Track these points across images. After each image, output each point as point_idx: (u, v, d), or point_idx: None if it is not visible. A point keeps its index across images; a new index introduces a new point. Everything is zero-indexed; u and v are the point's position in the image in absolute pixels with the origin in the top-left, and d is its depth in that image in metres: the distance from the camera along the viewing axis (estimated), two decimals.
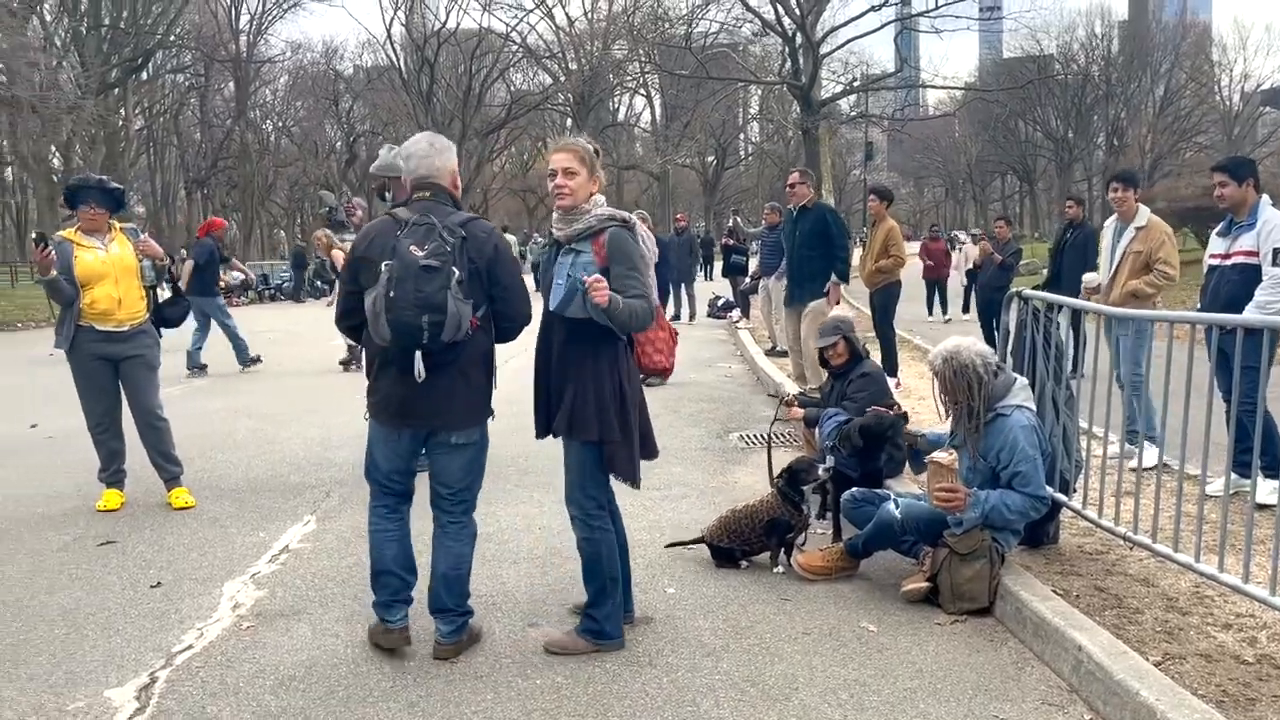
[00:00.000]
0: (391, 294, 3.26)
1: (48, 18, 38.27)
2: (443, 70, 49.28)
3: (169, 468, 5.94)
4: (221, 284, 29.72)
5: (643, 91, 58.82)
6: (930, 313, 17.84)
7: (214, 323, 12.04)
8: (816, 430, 5.46)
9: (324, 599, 4.29)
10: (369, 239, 3.51)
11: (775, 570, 4.59)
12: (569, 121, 54.38)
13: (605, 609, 3.70)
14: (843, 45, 35.34)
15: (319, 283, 27.17)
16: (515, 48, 50.17)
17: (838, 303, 9.03)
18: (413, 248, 3.31)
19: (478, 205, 49.55)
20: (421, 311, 3.26)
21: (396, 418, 3.55)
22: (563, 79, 50.74)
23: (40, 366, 12.43)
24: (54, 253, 5.51)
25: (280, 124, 59.29)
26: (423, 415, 3.51)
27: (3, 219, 54.85)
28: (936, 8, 31.69)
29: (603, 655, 3.66)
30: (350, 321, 3.64)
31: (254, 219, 56.50)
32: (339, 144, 58.74)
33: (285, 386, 10.82)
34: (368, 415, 3.66)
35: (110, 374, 5.74)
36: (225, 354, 12.09)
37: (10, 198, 52.54)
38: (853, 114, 42.15)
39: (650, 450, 3.78)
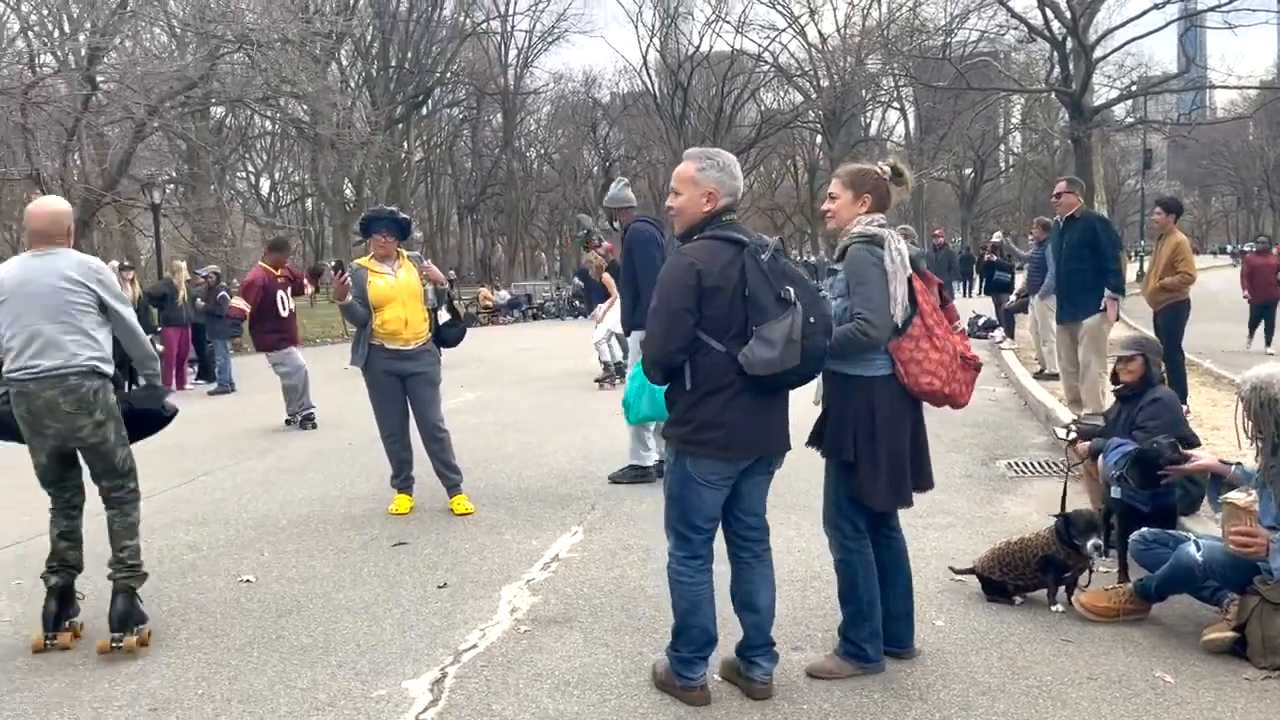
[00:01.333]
0: (811, 319, 3.22)
1: (344, 62, 42.32)
2: (695, 93, 50.34)
3: (450, 476, 6.38)
4: (488, 303, 31.87)
5: (896, 105, 57.44)
6: (1251, 339, 14.74)
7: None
8: (1100, 460, 5.09)
9: (593, 609, 4.46)
10: (719, 265, 3.26)
11: (1054, 609, 4.32)
12: (819, 139, 53.98)
13: (863, 631, 3.63)
14: (1119, 48, 32.97)
15: (577, 302, 28.38)
16: (767, 67, 50.43)
17: (1116, 319, 8.41)
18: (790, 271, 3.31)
19: None
20: (827, 335, 3.30)
21: (749, 448, 3.37)
22: (814, 96, 50.42)
23: (336, 380, 13.71)
24: (350, 279, 6.08)
25: (542, 151, 62.54)
26: (777, 442, 3.45)
27: (303, 245, 61.05)
28: (1229, 1, 28.90)
29: (869, 685, 3.58)
30: (685, 350, 3.31)
31: (518, 242, 59.80)
32: (595, 169, 61.18)
33: (545, 402, 11.35)
34: (692, 454, 3.36)
35: (399, 389, 6.24)
36: (493, 373, 12.82)
37: (309, 225, 58.43)
38: (1129, 120, 39.14)
39: (922, 479, 3.66)
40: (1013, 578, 4.41)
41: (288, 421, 10.33)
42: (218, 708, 3.55)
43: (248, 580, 5.02)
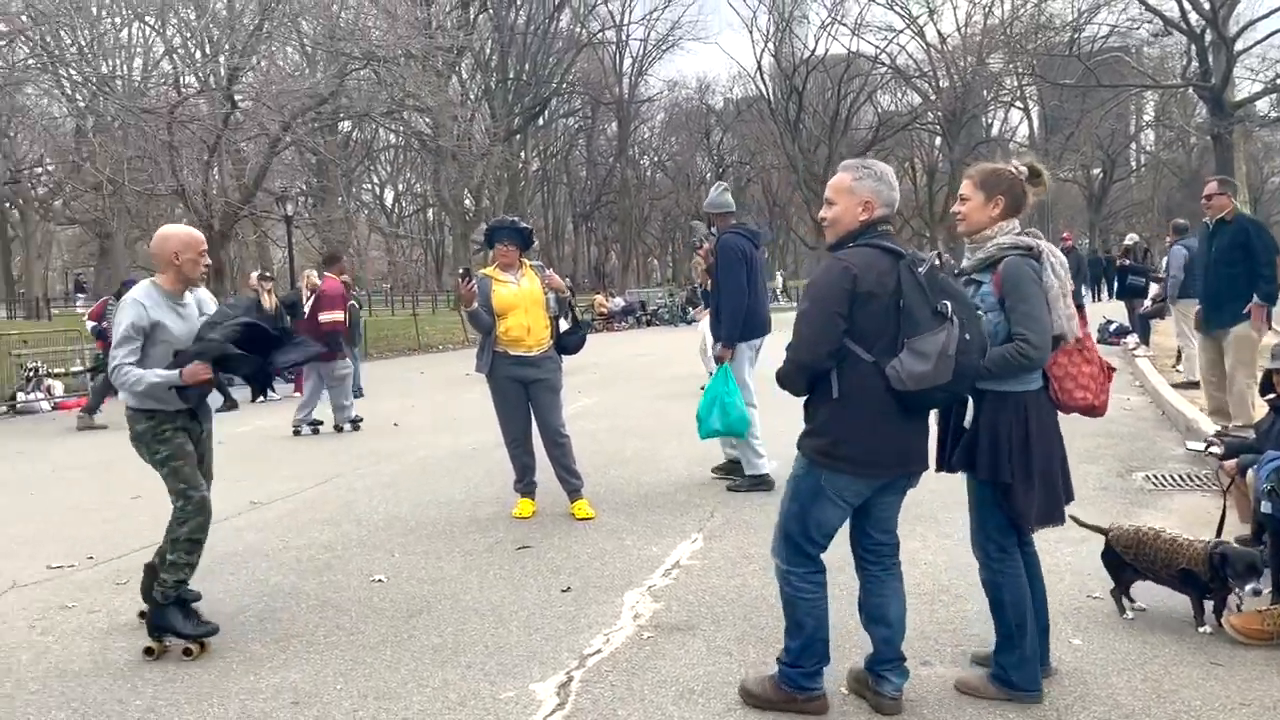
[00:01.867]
0: (967, 336, 3.14)
1: (464, 76, 43.40)
2: (810, 97, 49.84)
3: (571, 481, 6.46)
4: (603, 310, 32.18)
5: (1019, 105, 55.72)
6: None
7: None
8: (1251, 473, 4.82)
9: (715, 616, 4.45)
10: (875, 272, 3.20)
11: (1201, 630, 4.11)
12: (938, 140, 52.77)
13: (1010, 657, 3.49)
14: (1264, 39, 31.23)
15: (690, 309, 28.43)
16: (884, 69, 49.58)
17: (1267, 328, 7.96)
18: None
19: None
20: (981, 355, 3.22)
21: (889, 467, 3.31)
22: (933, 97, 49.31)
23: (456, 386, 14.06)
24: (476, 286, 6.23)
25: (656, 159, 62.94)
26: (917, 460, 3.37)
27: (425, 255, 62.77)
28: None
29: (1004, 706, 3.46)
30: (834, 355, 3.23)
31: (631, 249, 60.27)
32: (709, 175, 61.19)
33: (661, 408, 11.39)
34: (828, 468, 3.29)
35: (522, 395, 6.36)
36: (609, 379, 12.96)
37: (430, 235, 60.08)
38: (1274, 115, 37.03)
39: (1068, 495, 3.54)
40: (1143, 566, 4.23)
41: (338, 428, 10.78)
42: (355, 703, 3.67)
43: (379, 580, 5.18)
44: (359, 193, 50.60)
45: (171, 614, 4.23)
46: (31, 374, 14.64)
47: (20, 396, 14.15)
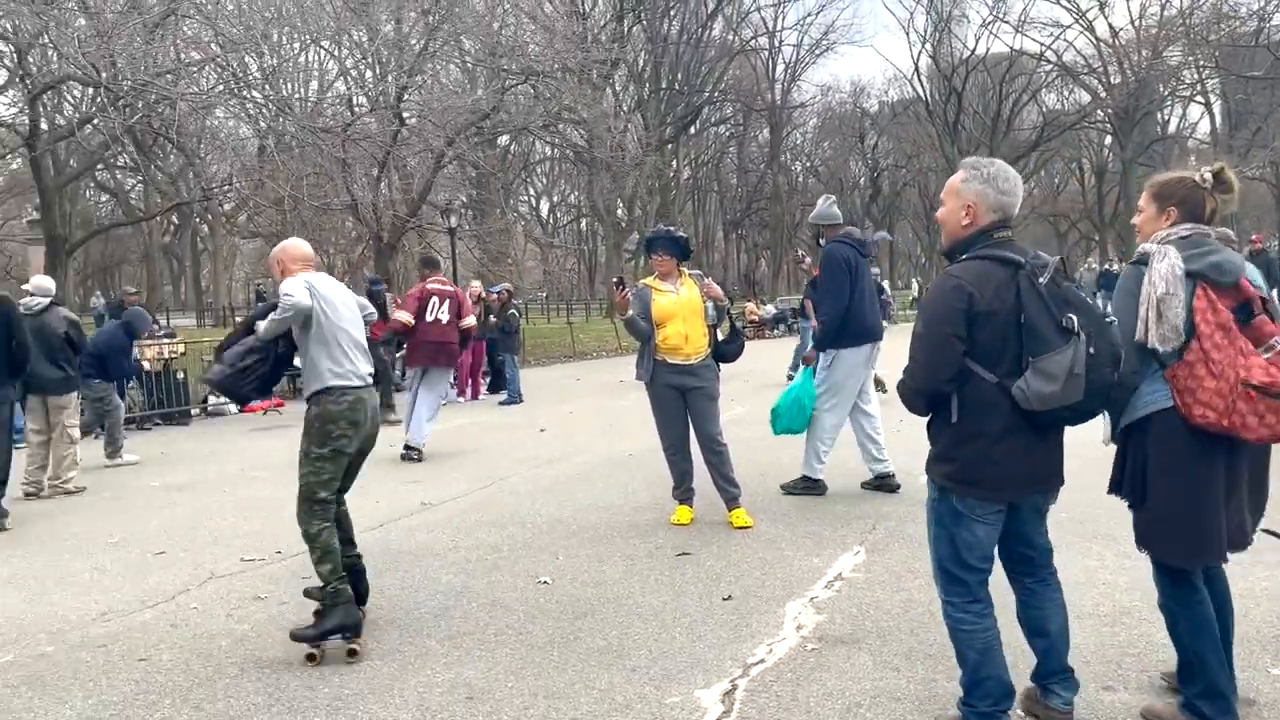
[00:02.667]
0: (1093, 350, 2.94)
1: (618, 87, 44.13)
2: (970, 98, 48.38)
3: (729, 489, 6.47)
4: (754, 317, 31.98)
5: (1199, 99, 52.48)
6: None
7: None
8: None
9: (881, 631, 4.37)
10: (991, 287, 3.03)
11: None
12: (1108, 139, 50.29)
13: (1194, 688, 3.26)
14: None
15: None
16: (1049, 67, 47.64)
17: None
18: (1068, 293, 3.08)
19: None
20: (1115, 368, 3.01)
21: (1021, 489, 3.17)
22: (1103, 94, 47.03)
23: (611, 393, 14.28)
24: (630, 294, 6.33)
25: (808, 164, 62.32)
26: (1053, 479, 3.24)
27: (579, 264, 64.10)
28: None
29: None
30: (954, 380, 3.08)
31: (782, 256, 59.83)
32: (862, 179, 60.16)
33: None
34: (959, 494, 3.16)
35: (680, 402, 6.41)
36: (761, 387, 12.90)
37: (584, 244, 61.27)
38: None
39: (1237, 537, 3.25)
40: None
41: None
42: (526, 701, 3.79)
43: (544, 582, 5.32)
44: (516, 204, 52.06)
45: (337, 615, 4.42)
46: None
47: (210, 400, 15.18)
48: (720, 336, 6.59)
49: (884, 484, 7.25)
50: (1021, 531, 3.29)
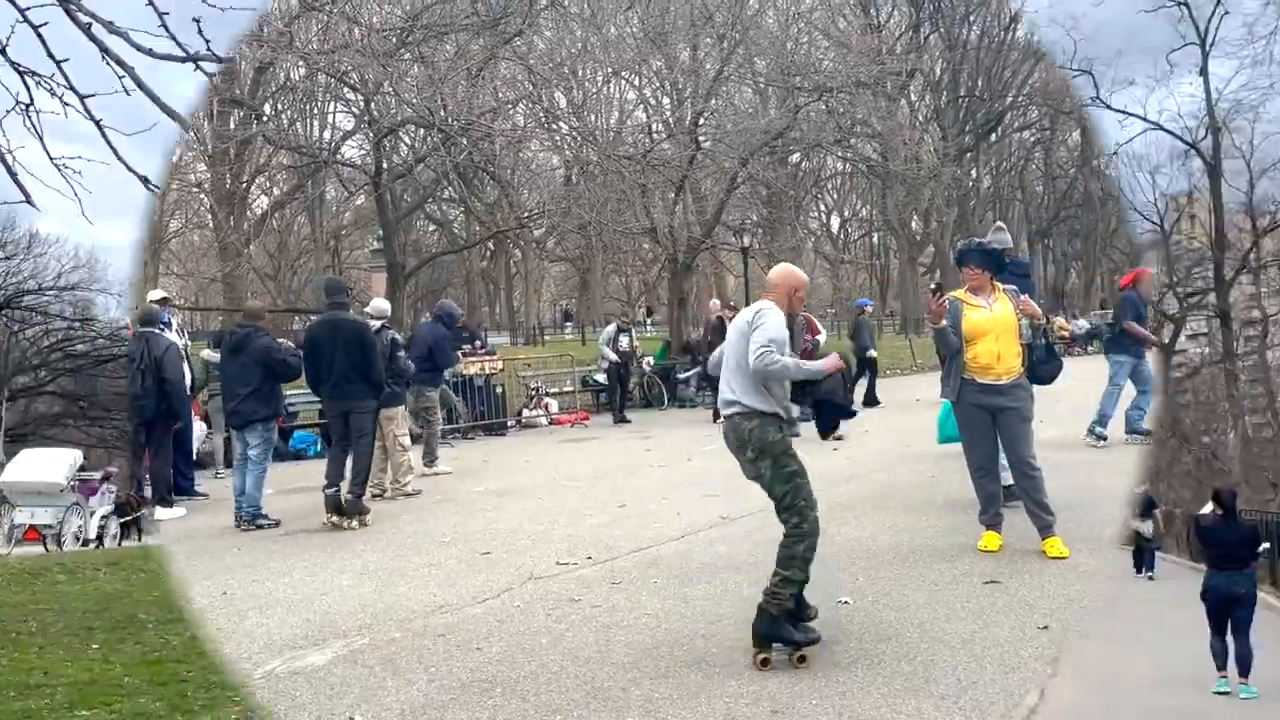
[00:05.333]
0: None
1: (913, 97, 42.90)
2: None
3: (1043, 516, 6.10)
4: (1064, 333, 29.88)
5: None
6: None
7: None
8: None
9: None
10: None
11: None
12: None
13: None
14: None
15: None
16: None
17: None
18: None
19: None
20: None
21: None
22: None
23: (906, 411, 13.87)
24: (947, 303, 6.15)
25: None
26: None
27: (869, 279, 62.78)
28: None
29: None
30: None
31: (1095, 267, 55.52)
32: None
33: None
34: None
35: (988, 422, 6.16)
36: (1076, 407, 12.04)
37: (875, 259, 59.89)
38: None
39: None
40: None
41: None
42: None
43: (845, 602, 5.29)
44: (806, 220, 51.82)
45: (782, 624, 4.50)
46: (534, 393, 16.88)
47: (525, 412, 16.34)
48: (1036, 356, 6.24)
49: None
50: None
